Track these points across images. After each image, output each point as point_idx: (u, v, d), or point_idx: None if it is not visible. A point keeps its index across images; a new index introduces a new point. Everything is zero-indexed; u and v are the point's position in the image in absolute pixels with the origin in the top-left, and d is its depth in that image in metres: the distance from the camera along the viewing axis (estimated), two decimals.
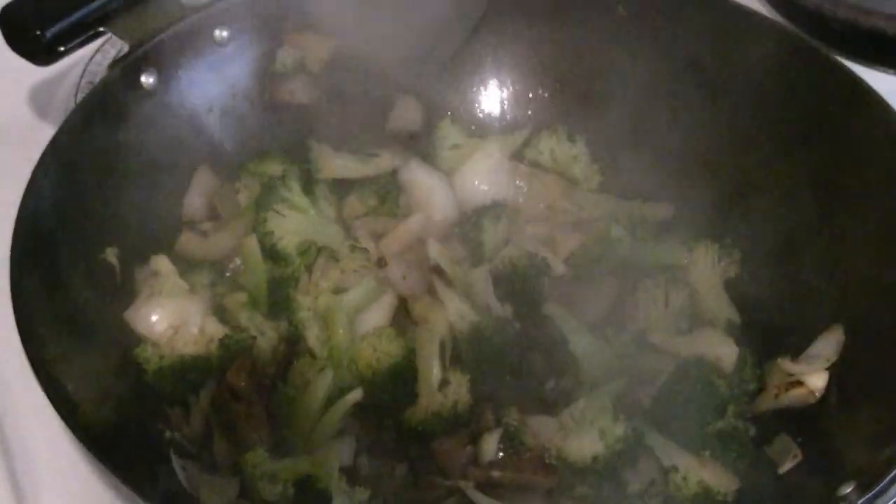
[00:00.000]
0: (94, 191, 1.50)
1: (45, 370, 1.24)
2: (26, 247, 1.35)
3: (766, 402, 1.43)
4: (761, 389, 1.45)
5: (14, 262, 1.33)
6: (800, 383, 1.40)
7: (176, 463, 1.34)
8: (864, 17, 1.80)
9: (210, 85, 1.66)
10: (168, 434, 1.39)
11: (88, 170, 1.50)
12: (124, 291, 1.50)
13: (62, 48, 1.58)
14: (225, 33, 1.65)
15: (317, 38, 1.71)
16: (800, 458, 1.35)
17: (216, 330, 1.49)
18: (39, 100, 1.61)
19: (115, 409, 1.34)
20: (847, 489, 1.19)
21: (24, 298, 1.29)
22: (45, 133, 1.50)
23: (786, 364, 1.43)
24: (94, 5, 1.58)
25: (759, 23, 1.62)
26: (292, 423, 1.42)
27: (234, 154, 1.69)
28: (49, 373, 1.25)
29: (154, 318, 1.46)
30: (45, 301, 1.34)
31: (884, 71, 1.81)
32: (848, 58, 1.61)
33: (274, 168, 1.66)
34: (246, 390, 1.42)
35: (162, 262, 1.52)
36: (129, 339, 1.46)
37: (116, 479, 1.16)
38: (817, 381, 1.40)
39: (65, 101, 1.55)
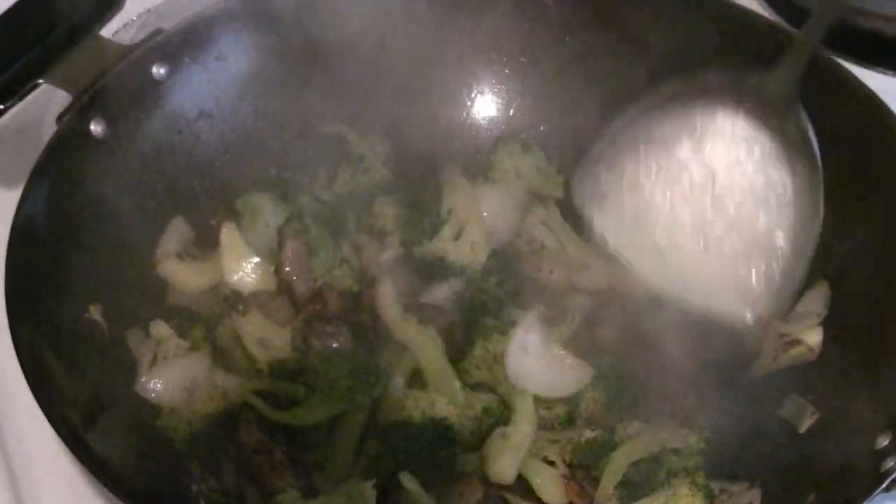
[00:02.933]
0: (65, 251, 1.46)
1: (76, 441, 1.24)
2: (22, 317, 1.32)
3: (766, 365, 1.47)
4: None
5: (14, 330, 1.30)
6: (797, 342, 1.45)
7: None
8: (864, 18, 1.82)
9: (156, 125, 1.62)
10: (195, 488, 1.37)
11: (56, 231, 1.45)
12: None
13: (1, 106, 1.53)
14: (162, 70, 1.61)
15: None
16: (818, 415, 1.39)
17: (225, 379, 1.47)
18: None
19: (144, 468, 1.32)
20: (885, 441, 1.23)
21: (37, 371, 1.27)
22: (46, 131, 1.50)
23: (779, 325, 1.47)
24: (26, 59, 1.53)
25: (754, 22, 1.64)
26: (327, 466, 1.42)
27: (204, 197, 1.67)
28: (81, 442, 1.24)
29: (165, 385, 1.44)
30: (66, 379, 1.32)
31: (883, 72, 1.83)
32: (847, 59, 1.63)
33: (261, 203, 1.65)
34: (262, 442, 1.40)
35: (160, 327, 1.50)
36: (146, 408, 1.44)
37: None
38: (814, 336, 1.45)
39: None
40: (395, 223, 1.67)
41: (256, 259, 1.56)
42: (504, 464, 1.42)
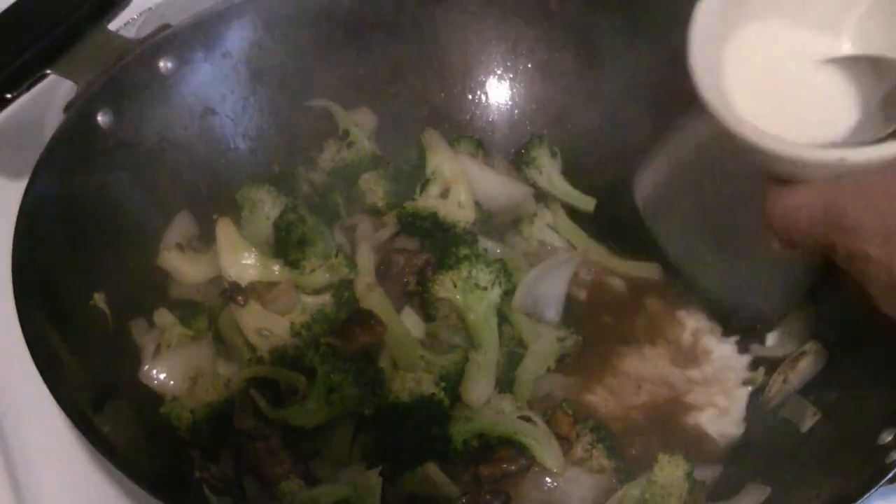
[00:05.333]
0: (69, 241, 1.46)
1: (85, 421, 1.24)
2: (30, 301, 1.32)
3: (779, 392, 1.46)
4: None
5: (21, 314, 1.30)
6: (801, 354, 1.45)
7: (211, 499, 1.34)
8: None
9: (162, 119, 1.63)
10: (197, 475, 1.37)
11: (62, 220, 1.46)
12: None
13: (8, 95, 1.55)
14: (169, 64, 1.62)
15: None
16: (819, 415, 1.38)
17: (227, 368, 1.48)
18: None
19: (147, 455, 1.33)
20: (888, 436, 1.23)
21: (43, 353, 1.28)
22: (47, 130, 1.50)
23: (763, 350, 1.51)
24: (35, 49, 1.54)
25: None
26: (324, 452, 1.43)
27: (208, 191, 1.68)
28: (90, 423, 1.25)
29: (169, 373, 1.44)
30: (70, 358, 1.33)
31: None
32: None
33: (260, 195, 1.65)
34: (258, 429, 1.40)
35: (164, 316, 1.51)
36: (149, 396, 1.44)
37: None
38: (814, 343, 1.45)
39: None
40: (385, 199, 1.69)
41: (254, 251, 1.56)
42: (478, 386, 1.46)
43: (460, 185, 1.68)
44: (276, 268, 1.55)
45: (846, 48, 1.16)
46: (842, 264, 1.03)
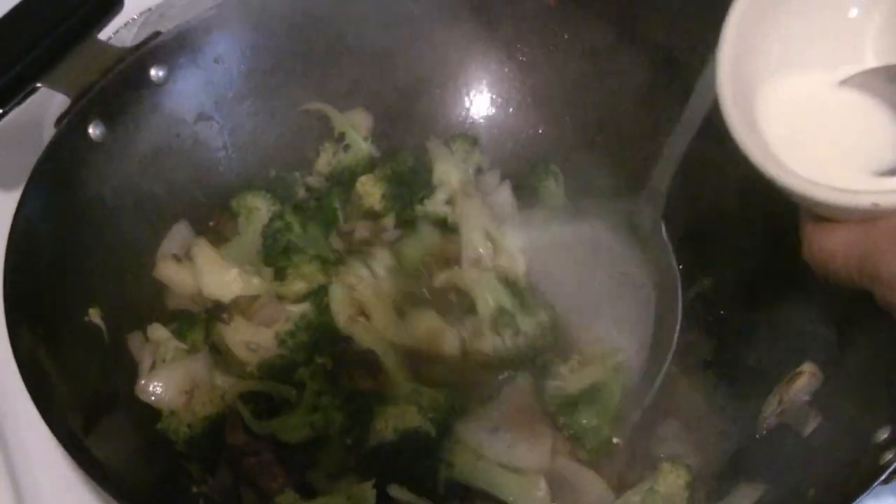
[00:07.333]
0: (63, 256, 1.46)
1: (76, 446, 1.23)
2: (21, 320, 1.32)
3: (773, 412, 1.43)
4: None
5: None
6: (797, 375, 1.41)
7: None
8: None
9: (154, 127, 1.62)
10: (194, 489, 1.37)
11: (55, 234, 1.45)
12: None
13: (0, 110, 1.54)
14: (160, 72, 1.61)
15: None
16: (821, 418, 1.36)
17: (224, 381, 1.47)
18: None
19: (144, 470, 1.33)
20: (884, 434, 1.21)
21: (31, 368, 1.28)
22: (45, 134, 1.51)
23: None
24: (23, 62, 1.53)
25: None
26: (319, 463, 1.42)
27: (203, 199, 1.68)
28: (81, 448, 1.23)
29: (165, 388, 1.44)
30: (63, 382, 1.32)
31: None
32: None
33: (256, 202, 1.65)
34: (250, 444, 1.40)
35: (157, 331, 1.50)
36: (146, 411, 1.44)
37: None
38: (807, 365, 1.41)
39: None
40: (382, 203, 1.68)
41: (234, 267, 1.57)
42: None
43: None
44: (255, 281, 1.56)
45: (870, 63, 1.13)
46: (882, 306, 1.01)
